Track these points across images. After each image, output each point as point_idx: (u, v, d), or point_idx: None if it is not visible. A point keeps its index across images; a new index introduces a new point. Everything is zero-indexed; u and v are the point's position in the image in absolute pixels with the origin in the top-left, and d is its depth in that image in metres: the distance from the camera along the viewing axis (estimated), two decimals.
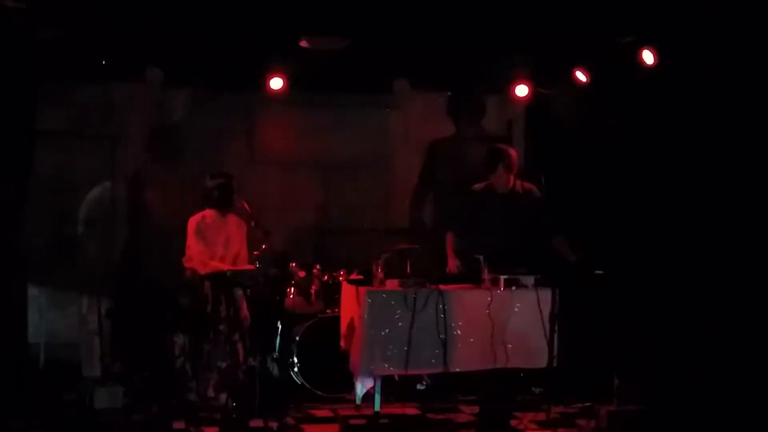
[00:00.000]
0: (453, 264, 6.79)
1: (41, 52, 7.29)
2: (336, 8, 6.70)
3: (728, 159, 6.56)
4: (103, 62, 8.08)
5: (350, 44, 7.43)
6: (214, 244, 6.89)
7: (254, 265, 7.04)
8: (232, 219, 7.00)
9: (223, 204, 6.92)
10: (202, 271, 6.78)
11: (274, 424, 6.32)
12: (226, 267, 6.70)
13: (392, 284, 6.35)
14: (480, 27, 7.08)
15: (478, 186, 6.86)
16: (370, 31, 7.22)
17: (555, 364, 6.05)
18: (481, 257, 6.44)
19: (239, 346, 6.71)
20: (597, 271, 6.51)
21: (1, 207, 7.41)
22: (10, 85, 7.10)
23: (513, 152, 6.70)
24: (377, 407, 6.31)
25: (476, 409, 6.75)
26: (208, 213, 6.95)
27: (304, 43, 7.44)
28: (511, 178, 6.65)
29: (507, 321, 6.30)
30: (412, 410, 6.92)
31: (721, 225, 6.56)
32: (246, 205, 6.75)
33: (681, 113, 6.90)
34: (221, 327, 6.66)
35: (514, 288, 6.36)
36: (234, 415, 6.39)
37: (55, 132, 8.23)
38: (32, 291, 8.06)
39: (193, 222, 6.91)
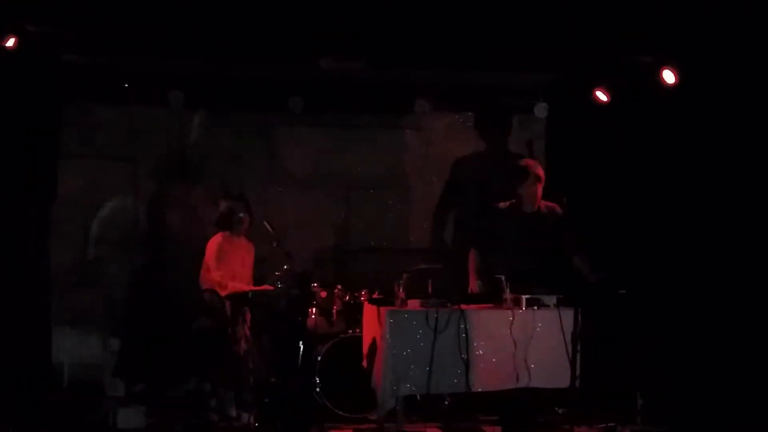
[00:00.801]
0: (474, 284, 6.79)
1: (65, 76, 7.38)
2: (355, 28, 6.75)
3: (751, 177, 6.53)
4: (126, 85, 8.19)
5: (370, 64, 7.47)
6: (232, 265, 6.92)
7: (275, 286, 7.07)
8: (243, 241, 7.03)
9: (227, 227, 6.96)
10: (223, 292, 6.82)
11: None
12: (247, 288, 6.73)
13: (414, 304, 6.35)
14: (500, 46, 7.10)
15: (502, 204, 6.87)
16: (389, 51, 7.26)
17: (578, 384, 6.02)
18: (503, 277, 6.44)
19: (260, 364, 6.73)
20: (619, 291, 6.51)
21: (26, 228, 7.50)
22: (34, 108, 7.19)
23: (540, 167, 6.72)
24: (399, 427, 6.30)
25: (499, 429, 6.72)
26: (224, 235, 6.99)
27: (323, 64, 7.49)
28: (539, 192, 6.66)
29: (529, 341, 6.29)
30: (434, 430, 6.89)
31: (746, 244, 6.53)
32: (268, 226, 6.79)
33: (702, 132, 6.88)
34: (242, 346, 6.68)
35: (536, 308, 6.35)
36: None
37: (79, 154, 8.31)
38: (56, 310, 8.13)
39: (213, 243, 6.96)
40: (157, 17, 6.48)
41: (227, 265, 6.92)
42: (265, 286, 6.83)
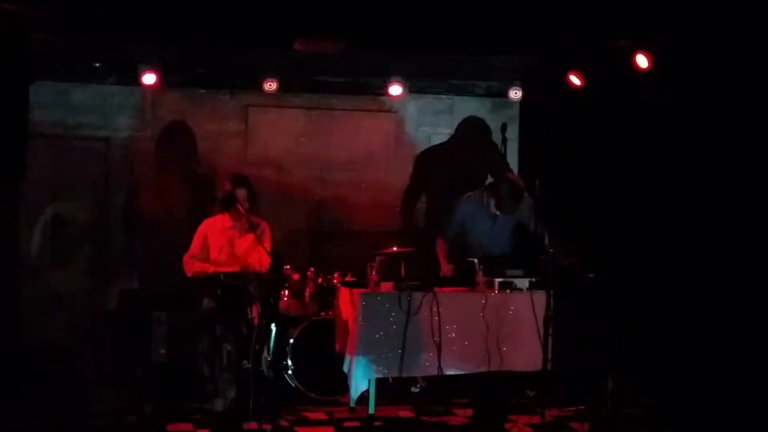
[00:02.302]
0: (447, 268, 6.80)
1: (35, 54, 7.28)
2: (330, 10, 6.71)
3: (723, 161, 6.58)
4: (97, 64, 8.10)
5: (344, 47, 7.43)
6: (213, 248, 6.83)
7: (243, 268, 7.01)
8: (242, 224, 6.93)
9: (225, 209, 6.87)
10: (189, 273, 6.74)
11: (267, 427, 6.32)
12: (212, 269, 6.66)
13: (387, 287, 6.36)
14: (475, 30, 7.09)
15: (472, 195, 6.89)
16: (364, 34, 7.23)
17: (549, 367, 6.05)
18: (476, 260, 6.46)
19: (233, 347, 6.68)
20: (591, 274, 6.54)
21: None
22: (3, 86, 7.09)
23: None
24: (371, 410, 6.32)
25: (470, 411, 6.76)
26: (221, 216, 6.91)
27: (298, 46, 7.44)
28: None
29: (501, 324, 6.32)
30: (406, 413, 6.92)
31: (716, 227, 6.58)
32: (240, 207, 6.73)
33: (675, 117, 6.92)
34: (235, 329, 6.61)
35: (508, 291, 6.39)
36: (227, 419, 6.38)
37: (49, 134, 8.22)
38: (27, 292, 8.06)
39: (202, 225, 6.87)
40: None
41: (206, 247, 6.81)
42: (233, 268, 6.74)
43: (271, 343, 7.40)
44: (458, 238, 6.90)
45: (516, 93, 8.67)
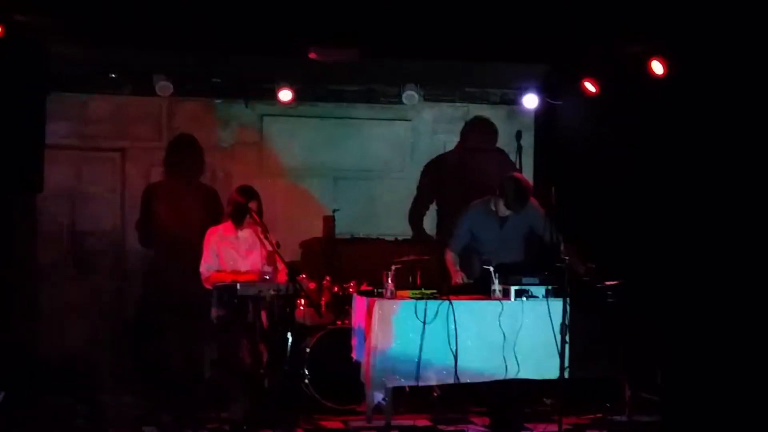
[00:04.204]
0: (457, 275, 6.81)
1: (52, 66, 7.34)
2: (344, 18, 6.73)
3: (738, 168, 6.54)
4: (112, 75, 8.15)
5: (359, 55, 7.45)
6: (224, 257, 6.87)
7: (263, 277, 7.03)
8: (250, 234, 6.95)
9: (233, 219, 6.90)
10: (206, 285, 6.78)
11: None
12: (230, 278, 6.69)
13: (403, 295, 6.35)
14: (489, 37, 7.09)
15: (477, 203, 6.90)
16: (378, 42, 7.24)
17: (566, 375, 6.04)
18: (491, 268, 6.45)
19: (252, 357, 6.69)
20: (607, 282, 6.52)
21: (12, 220, 7.46)
22: (21, 98, 7.14)
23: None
24: (388, 419, 6.31)
25: (487, 420, 6.74)
26: (224, 226, 6.94)
27: (313, 55, 7.46)
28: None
29: (518, 332, 6.30)
30: (423, 421, 6.90)
31: (733, 234, 6.54)
32: (255, 216, 6.75)
33: (690, 123, 6.89)
34: (248, 337, 6.62)
35: (524, 299, 6.37)
36: (244, 427, 6.38)
37: (66, 145, 8.27)
38: (44, 302, 8.10)
39: (208, 234, 6.90)
40: (146, 7, 6.44)
41: (218, 256, 6.85)
42: (251, 277, 6.77)
43: (288, 352, 7.41)
44: (467, 246, 6.90)
45: (531, 100, 8.66)
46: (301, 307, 7.74)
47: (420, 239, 8.86)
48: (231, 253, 6.85)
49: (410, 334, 6.15)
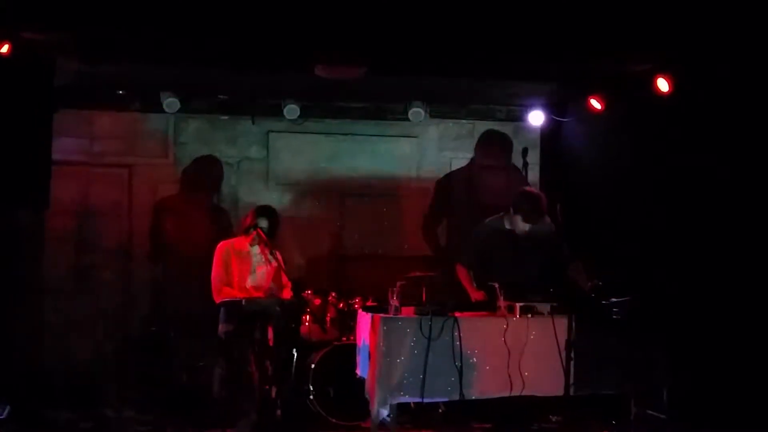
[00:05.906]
0: (478, 294, 6.76)
1: (59, 82, 7.38)
2: (351, 36, 6.75)
3: (745, 184, 6.54)
4: (120, 92, 8.19)
5: (365, 73, 7.47)
6: (234, 272, 6.86)
7: (268, 293, 7.03)
8: (262, 249, 6.95)
9: (244, 234, 6.91)
10: (217, 298, 6.78)
11: None
12: (241, 295, 6.69)
13: (408, 312, 6.34)
14: (496, 55, 7.11)
15: (491, 220, 6.88)
16: (385, 59, 7.26)
17: (572, 392, 6.01)
18: (497, 285, 6.44)
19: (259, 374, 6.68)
20: (613, 298, 6.50)
21: (19, 236, 7.48)
22: (28, 114, 7.18)
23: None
24: None
25: None
26: (238, 240, 6.93)
27: (319, 72, 7.49)
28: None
29: (523, 348, 6.28)
30: None
31: (741, 250, 6.53)
32: (261, 234, 6.76)
33: (696, 140, 6.89)
34: (255, 352, 6.61)
35: (530, 315, 6.35)
36: None
37: (73, 161, 8.30)
38: (49, 317, 8.12)
39: (219, 246, 6.90)
40: (153, 24, 6.48)
41: (228, 271, 6.84)
42: (257, 293, 6.77)
43: (293, 368, 7.40)
44: (481, 265, 6.88)
45: (537, 117, 8.68)
46: (307, 323, 7.73)
47: (436, 255, 8.85)
48: (240, 267, 6.85)
49: (415, 351, 6.13)
